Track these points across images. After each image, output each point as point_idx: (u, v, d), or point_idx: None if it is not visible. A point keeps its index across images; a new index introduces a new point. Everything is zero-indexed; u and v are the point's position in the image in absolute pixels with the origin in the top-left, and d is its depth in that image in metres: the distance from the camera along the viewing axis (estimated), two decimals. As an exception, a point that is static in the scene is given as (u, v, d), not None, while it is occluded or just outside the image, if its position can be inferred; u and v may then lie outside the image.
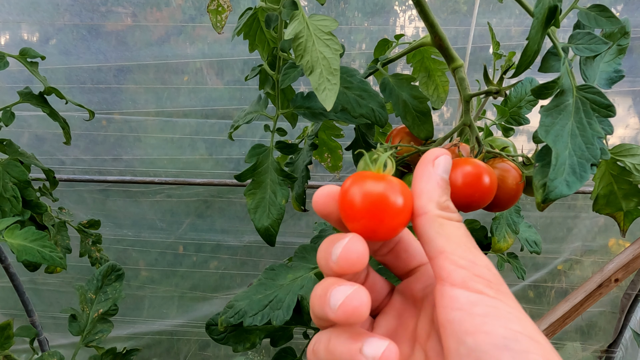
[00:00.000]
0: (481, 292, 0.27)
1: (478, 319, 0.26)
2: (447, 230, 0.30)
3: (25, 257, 0.61)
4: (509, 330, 0.26)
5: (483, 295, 0.27)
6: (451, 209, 0.32)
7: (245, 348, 0.67)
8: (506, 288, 0.29)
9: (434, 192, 0.32)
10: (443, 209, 0.31)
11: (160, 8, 1.49)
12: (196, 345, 2.09)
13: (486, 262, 0.29)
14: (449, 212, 0.32)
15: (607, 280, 0.91)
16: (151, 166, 1.72)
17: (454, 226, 0.31)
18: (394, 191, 0.30)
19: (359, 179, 0.31)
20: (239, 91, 1.62)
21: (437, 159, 0.33)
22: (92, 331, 0.71)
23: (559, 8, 0.45)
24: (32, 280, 1.91)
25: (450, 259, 0.29)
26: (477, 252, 0.30)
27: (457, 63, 0.60)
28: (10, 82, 1.50)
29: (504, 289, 0.28)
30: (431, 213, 0.31)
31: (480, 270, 0.28)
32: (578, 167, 0.45)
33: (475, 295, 0.27)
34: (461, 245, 0.30)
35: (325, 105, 0.48)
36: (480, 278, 0.28)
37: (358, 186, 0.30)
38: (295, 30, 0.50)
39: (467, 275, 0.28)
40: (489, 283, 0.28)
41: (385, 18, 1.55)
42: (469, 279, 0.28)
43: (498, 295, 0.28)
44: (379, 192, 0.30)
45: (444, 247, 0.29)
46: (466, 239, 0.30)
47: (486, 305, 0.27)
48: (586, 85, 0.47)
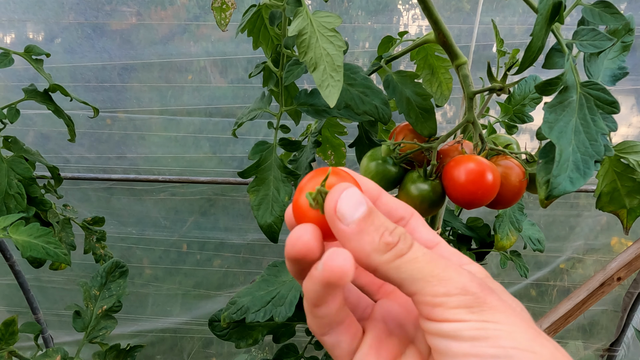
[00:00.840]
0: (464, 320, 0.26)
1: (466, 344, 0.26)
2: (405, 271, 0.28)
3: (29, 253, 0.62)
4: (499, 348, 0.25)
5: (467, 322, 0.26)
6: (392, 240, 0.28)
7: (248, 344, 0.67)
8: (493, 298, 0.27)
9: (365, 244, 0.28)
10: (386, 251, 0.28)
11: (165, 7, 1.49)
12: (200, 342, 2.10)
13: (462, 282, 0.27)
14: (394, 247, 0.28)
15: (609, 278, 0.91)
16: (155, 164, 1.73)
17: (410, 261, 0.28)
18: None
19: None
20: (243, 89, 1.62)
21: (338, 207, 0.29)
22: (96, 327, 0.72)
23: (563, 4, 0.45)
24: (37, 277, 1.92)
25: (423, 301, 0.27)
26: (448, 276, 0.27)
27: (460, 60, 0.60)
28: (15, 80, 1.50)
29: (490, 299, 0.27)
30: (379, 265, 0.28)
31: (457, 300, 0.27)
32: (582, 164, 0.44)
33: (460, 324, 0.26)
34: (428, 280, 0.27)
35: (329, 102, 0.48)
36: (459, 308, 0.27)
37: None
38: (299, 27, 0.50)
39: (444, 311, 0.27)
40: (471, 306, 0.27)
41: (389, 17, 1.55)
42: (448, 314, 0.27)
43: (482, 314, 0.26)
44: None
45: (412, 288, 0.28)
46: (431, 265, 0.28)
47: (472, 329, 0.26)
48: (590, 82, 0.47)
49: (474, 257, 0.91)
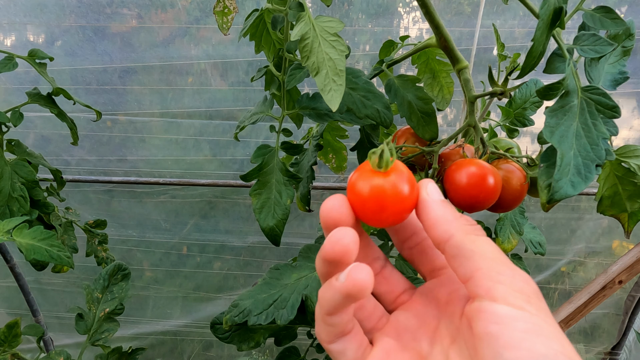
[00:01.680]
0: (522, 308, 0.27)
1: (518, 334, 0.26)
2: (479, 246, 0.30)
3: (33, 256, 0.62)
4: (550, 349, 0.25)
5: (524, 311, 0.27)
6: (473, 221, 0.31)
7: (250, 347, 0.67)
8: (545, 305, 0.28)
9: (448, 214, 0.31)
10: (467, 224, 0.31)
11: (165, 9, 1.50)
12: (200, 345, 2.10)
13: (524, 277, 0.29)
14: (474, 226, 0.31)
15: (610, 282, 0.91)
16: (156, 167, 1.73)
17: (485, 241, 0.30)
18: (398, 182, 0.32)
19: (363, 173, 0.32)
20: (244, 92, 1.62)
21: (427, 188, 0.32)
22: (99, 330, 0.72)
23: (564, 9, 0.45)
24: (37, 280, 1.92)
25: (488, 275, 0.28)
26: (514, 267, 0.29)
27: (462, 64, 0.61)
28: (17, 83, 1.51)
29: (543, 305, 0.28)
30: (458, 232, 0.30)
31: (519, 285, 0.28)
32: (583, 168, 0.45)
33: (516, 311, 0.27)
34: (497, 261, 0.29)
35: (331, 106, 0.48)
36: (519, 293, 0.27)
37: (363, 180, 0.32)
38: (301, 32, 0.50)
39: (507, 290, 0.27)
40: (529, 298, 0.27)
41: (389, 20, 1.55)
42: (509, 295, 0.27)
43: (539, 312, 0.27)
44: (380, 185, 0.31)
45: (480, 264, 0.29)
46: (500, 254, 0.30)
47: (527, 322, 0.26)
48: (591, 87, 0.47)
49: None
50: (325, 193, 1.79)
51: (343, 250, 0.28)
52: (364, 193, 0.31)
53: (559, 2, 0.45)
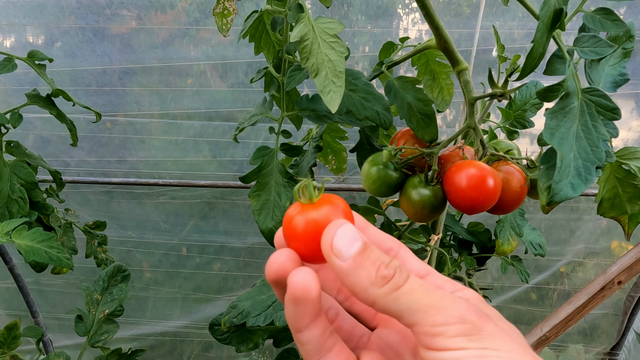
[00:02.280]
0: (464, 347, 0.27)
1: None
2: (403, 303, 0.28)
3: (32, 257, 0.62)
4: None
5: (467, 349, 0.27)
6: (388, 273, 0.29)
7: (249, 348, 0.67)
8: (490, 325, 0.28)
9: (362, 279, 0.29)
10: (383, 284, 0.29)
11: (165, 11, 1.50)
12: (199, 346, 2.10)
13: (459, 311, 0.28)
14: (391, 280, 0.29)
15: (610, 282, 0.91)
16: (155, 168, 1.73)
17: (406, 293, 0.28)
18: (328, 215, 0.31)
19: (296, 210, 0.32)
20: (243, 93, 1.62)
21: (334, 244, 0.29)
22: (98, 332, 0.72)
23: (564, 11, 0.45)
24: (37, 281, 1.92)
25: (422, 331, 0.28)
26: (445, 305, 0.28)
27: (462, 66, 0.61)
28: (16, 85, 1.51)
29: (488, 327, 0.28)
30: (377, 298, 0.29)
31: (455, 328, 0.27)
32: (583, 170, 0.45)
33: (460, 352, 0.27)
34: (427, 310, 0.28)
35: (330, 108, 0.48)
36: (458, 336, 0.27)
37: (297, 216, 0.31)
38: (300, 33, 0.50)
39: (444, 340, 0.27)
40: (469, 334, 0.27)
41: (389, 21, 1.55)
42: (448, 342, 0.27)
43: (481, 342, 0.27)
44: (312, 219, 0.30)
45: (411, 319, 0.28)
46: (428, 296, 0.28)
47: (473, 357, 0.26)
48: (591, 88, 0.47)
49: (474, 262, 0.91)
50: (325, 194, 1.79)
51: (278, 268, 0.30)
52: (297, 226, 0.30)
53: (559, 3, 0.45)
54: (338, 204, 0.31)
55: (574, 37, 0.51)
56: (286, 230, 0.31)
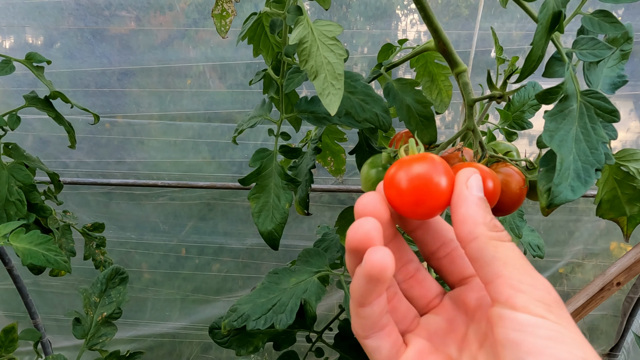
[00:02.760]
0: (543, 316, 0.27)
1: (541, 341, 0.26)
2: (502, 253, 0.30)
3: (30, 260, 0.62)
4: (572, 355, 0.26)
5: (545, 319, 0.27)
6: (499, 227, 0.31)
7: (249, 352, 0.67)
8: (566, 312, 0.28)
9: (478, 215, 0.31)
10: (492, 230, 0.31)
11: (164, 12, 1.50)
12: (198, 347, 2.10)
13: (546, 285, 0.29)
14: (499, 232, 0.31)
15: (609, 283, 0.91)
16: (154, 169, 1.73)
17: (508, 248, 0.30)
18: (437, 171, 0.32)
19: (400, 164, 0.34)
20: (242, 94, 1.62)
21: (469, 180, 0.32)
22: (96, 334, 0.71)
23: (563, 14, 0.45)
24: (35, 282, 1.92)
25: (509, 283, 0.29)
26: (535, 275, 0.29)
27: (460, 68, 0.61)
28: (14, 86, 1.50)
29: (565, 313, 0.28)
30: (482, 237, 0.30)
31: (540, 294, 0.28)
32: (582, 172, 0.45)
33: (537, 319, 0.27)
34: (518, 268, 0.29)
35: (330, 110, 0.48)
36: (540, 302, 0.28)
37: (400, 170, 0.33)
38: (299, 35, 0.50)
39: (528, 299, 0.28)
40: (550, 307, 0.28)
41: (387, 22, 1.55)
42: (530, 303, 0.28)
43: (560, 320, 0.27)
44: (421, 172, 0.32)
45: (501, 271, 0.29)
46: (522, 260, 0.30)
47: (549, 329, 0.27)
48: (590, 91, 0.47)
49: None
50: (324, 195, 1.79)
51: (363, 236, 0.29)
52: (402, 182, 0.32)
53: (557, 6, 0.45)
54: (440, 161, 0.33)
55: (573, 38, 0.51)
56: (391, 182, 0.33)
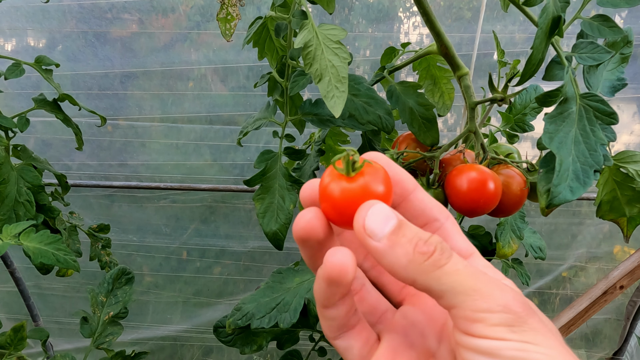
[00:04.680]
0: (505, 339, 0.25)
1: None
2: (446, 281, 0.26)
3: (40, 259, 0.63)
4: None
5: (507, 341, 0.25)
6: (428, 249, 0.27)
7: (252, 350, 0.67)
8: (534, 319, 0.26)
9: (399, 258, 0.27)
10: (422, 261, 0.27)
11: (166, 15, 1.50)
12: (200, 350, 2.10)
13: (505, 300, 0.26)
14: (434, 256, 0.27)
15: (612, 287, 0.91)
16: (156, 171, 1.73)
17: (450, 271, 0.27)
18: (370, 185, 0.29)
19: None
20: (244, 97, 1.63)
21: (367, 224, 0.28)
22: (103, 333, 0.72)
23: (562, 18, 0.46)
24: (37, 285, 1.92)
25: (463, 315, 0.26)
26: (490, 285, 0.26)
27: (462, 71, 0.62)
28: (18, 88, 1.51)
29: (532, 321, 0.26)
30: (419, 279, 0.27)
31: (498, 318, 0.26)
32: (581, 173, 0.46)
33: (499, 342, 0.25)
34: (470, 294, 0.26)
35: (334, 112, 0.49)
36: (499, 326, 0.26)
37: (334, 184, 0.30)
38: (304, 39, 0.51)
39: (485, 327, 0.26)
40: (512, 327, 0.26)
41: (390, 25, 1.56)
42: (488, 331, 0.26)
43: (524, 335, 0.25)
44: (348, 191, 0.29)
45: (452, 301, 0.26)
46: (471, 278, 0.26)
47: (513, 349, 0.25)
48: (589, 94, 0.48)
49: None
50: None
51: (306, 224, 0.29)
52: (331, 195, 0.29)
53: (557, 11, 0.46)
54: (377, 176, 0.29)
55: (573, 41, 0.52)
56: (321, 195, 0.30)
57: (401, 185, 0.32)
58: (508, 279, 0.32)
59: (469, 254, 0.32)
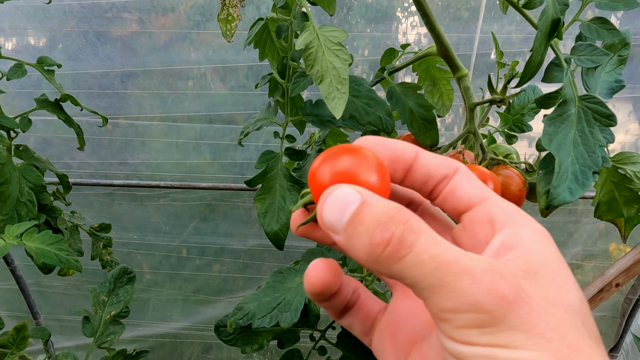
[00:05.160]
0: (471, 343, 0.22)
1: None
2: (408, 275, 0.23)
3: (42, 260, 0.63)
4: None
5: (473, 346, 0.22)
6: (380, 237, 0.23)
7: (254, 349, 0.68)
8: (516, 314, 0.21)
9: (358, 249, 0.24)
10: (378, 252, 0.23)
11: (166, 14, 1.51)
12: (199, 348, 2.11)
13: (480, 288, 0.22)
14: (389, 249, 0.23)
15: (607, 284, 0.92)
16: (156, 170, 1.74)
17: (412, 265, 0.23)
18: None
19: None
20: (243, 96, 1.63)
21: (324, 220, 0.25)
22: (105, 333, 0.73)
23: (561, 21, 0.47)
24: (38, 283, 1.93)
25: (431, 311, 0.23)
26: (461, 278, 0.22)
27: (462, 72, 0.62)
28: (19, 88, 1.52)
29: (512, 317, 0.21)
30: (380, 270, 0.24)
31: (466, 314, 0.22)
32: (580, 175, 0.46)
33: (466, 348, 0.22)
34: (435, 289, 0.22)
35: (335, 113, 0.49)
36: (467, 328, 0.22)
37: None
38: (306, 41, 0.52)
39: (452, 329, 0.22)
40: (483, 326, 0.22)
41: (388, 25, 1.56)
42: (456, 333, 0.22)
43: (496, 337, 0.21)
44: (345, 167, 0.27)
45: (420, 295, 0.23)
46: (438, 270, 0.22)
47: (479, 356, 0.22)
48: (588, 95, 0.49)
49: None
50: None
51: (322, 284, 0.29)
52: (315, 176, 0.27)
53: (556, 13, 0.46)
54: (361, 164, 0.27)
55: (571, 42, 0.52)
56: (309, 175, 0.28)
57: (402, 159, 0.29)
58: (533, 222, 0.27)
59: (482, 199, 0.28)
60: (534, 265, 0.24)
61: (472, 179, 0.29)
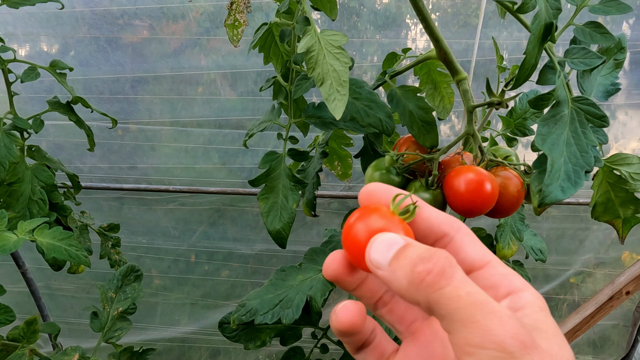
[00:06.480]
0: None
1: None
2: (443, 307, 0.25)
3: (53, 254, 0.65)
4: None
5: None
6: (423, 267, 0.26)
7: (256, 346, 0.69)
8: (533, 357, 0.24)
9: (401, 280, 0.27)
10: (420, 280, 0.26)
11: (177, 21, 1.53)
12: (207, 352, 2.11)
13: (505, 330, 0.24)
14: (428, 280, 0.26)
15: (618, 292, 0.91)
16: (166, 175, 1.76)
17: (449, 298, 0.25)
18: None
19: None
20: (252, 102, 1.65)
21: (371, 259, 0.28)
22: (112, 328, 0.75)
23: (554, 25, 0.48)
24: (47, 285, 1.94)
25: (456, 343, 0.25)
26: (490, 318, 0.24)
27: (461, 76, 0.63)
28: (31, 92, 1.54)
29: (532, 356, 0.24)
30: (419, 299, 0.26)
31: (490, 351, 0.24)
32: (573, 174, 0.47)
33: None
34: (466, 324, 0.25)
35: (335, 115, 0.51)
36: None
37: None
38: (307, 45, 0.53)
39: None
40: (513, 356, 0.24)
41: (397, 31, 1.58)
42: None
43: None
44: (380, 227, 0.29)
45: (449, 327, 0.25)
46: (471, 307, 0.25)
47: None
48: (581, 97, 0.50)
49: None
50: (333, 202, 1.81)
51: (350, 324, 0.31)
52: (347, 237, 0.30)
53: (549, 17, 0.48)
54: (389, 214, 0.30)
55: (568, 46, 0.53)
56: (343, 243, 0.31)
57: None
58: (531, 289, 0.30)
59: (484, 263, 0.31)
60: (538, 323, 0.27)
61: (474, 241, 0.32)
